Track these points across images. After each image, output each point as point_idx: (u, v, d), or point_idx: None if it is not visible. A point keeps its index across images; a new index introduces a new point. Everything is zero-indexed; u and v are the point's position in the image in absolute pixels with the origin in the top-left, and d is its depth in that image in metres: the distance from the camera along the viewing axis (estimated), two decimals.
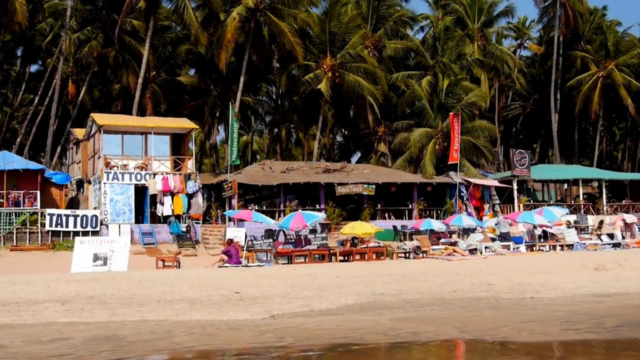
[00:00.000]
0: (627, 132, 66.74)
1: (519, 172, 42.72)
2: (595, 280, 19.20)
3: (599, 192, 46.84)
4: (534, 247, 30.81)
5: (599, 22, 58.73)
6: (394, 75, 47.19)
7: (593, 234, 36.26)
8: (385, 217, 39.72)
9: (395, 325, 12.60)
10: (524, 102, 64.31)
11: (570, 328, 12.51)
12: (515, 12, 57.70)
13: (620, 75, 53.88)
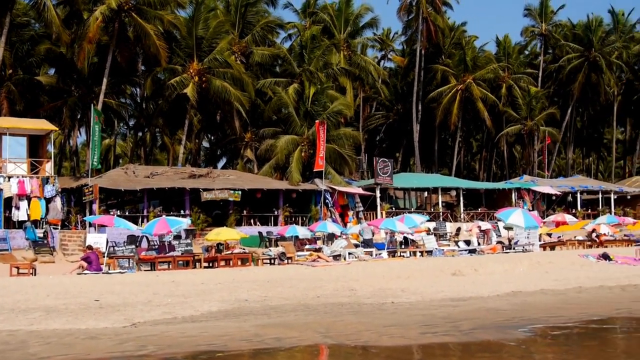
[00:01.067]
0: (483, 144, 69.92)
1: (382, 180, 43.72)
2: (452, 285, 19.91)
3: (456, 200, 48.68)
4: (396, 253, 31.56)
5: (459, 38, 61.27)
6: (261, 81, 47.18)
7: (451, 240, 37.52)
8: (250, 224, 39.62)
9: (259, 332, 12.67)
10: (388, 112, 66.04)
11: (429, 331, 12.96)
12: (380, 24, 59.30)
13: (478, 89, 56.36)
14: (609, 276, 21.67)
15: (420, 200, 56.18)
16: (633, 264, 25.83)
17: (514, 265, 24.82)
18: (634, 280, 20.77)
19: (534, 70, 65.12)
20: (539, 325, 14.03)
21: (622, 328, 14.34)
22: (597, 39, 60.23)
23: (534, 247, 33.73)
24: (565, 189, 50.67)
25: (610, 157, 77.58)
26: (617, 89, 64.91)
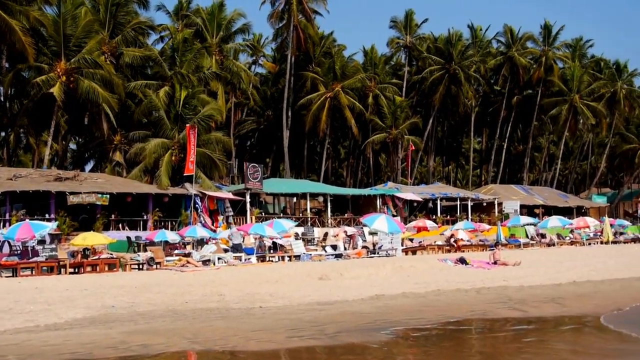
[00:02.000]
0: (350, 151, 71.52)
1: (252, 185, 43.92)
2: (319, 289, 20.36)
3: (324, 206, 49.53)
4: (265, 258, 31.88)
5: (329, 47, 62.46)
6: (131, 83, 46.20)
7: (318, 245, 38.09)
8: (119, 228, 38.78)
9: (125, 338, 12.62)
10: (259, 117, 66.32)
11: (295, 335, 13.31)
12: (252, 29, 59.31)
13: (346, 98, 57.59)
14: (466, 279, 22.72)
15: (289, 205, 56.73)
16: (487, 268, 27.17)
17: (378, 269, 25.62)
18: (487, 283, 21.89)
19: (399, 80, 67.15)
20: (401, 328, 14.53)
21: (476, 329, 15.12)
22: (457, 53, 62.94)
23: (396, 251, 34.85)
24: (426, 196, 52.52)
25: (468, 165, 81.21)
26: (474, 101, 68.20)
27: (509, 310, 16.74)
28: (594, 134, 76.44)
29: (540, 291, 20.25)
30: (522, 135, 76.88)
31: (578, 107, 65.12)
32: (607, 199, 71.82)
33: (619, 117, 71.26)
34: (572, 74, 65.85)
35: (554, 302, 18.09)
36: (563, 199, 63.72)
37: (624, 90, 69.00)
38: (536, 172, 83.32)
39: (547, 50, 66.79)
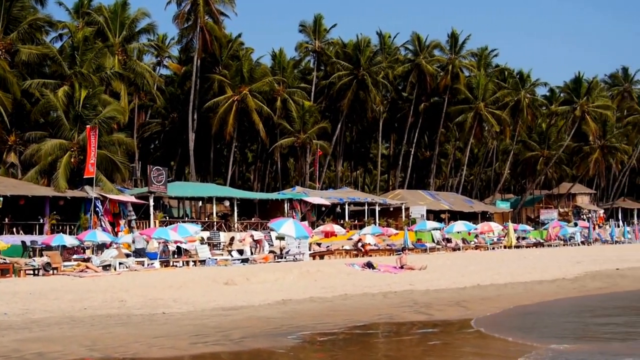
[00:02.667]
0: (258, 155, 70.99)
1: (155, 188, 42.84)
2: (224, 294, 19.95)
3: (231, 210, 48.91)
4: (169, 263, 31.07)
5: (236, 49, 61.74)
6: (27, 82, 44.20)
7: (225, 250, 37.56)
8: (13, 232, 37.05)
9: (19, 347, 12.10)
10: (164, 120, 64.89)
11: (199, 341, 12.95)
12: (157, 29, 57.78)
13: (254, 101, 57.03)
14: (373, 284, 22.72)
15: (194, 209, 55.78)
16: (394, 272, 27.24)
17: (285, 274, 25.29)
18: (394, 287, 21.92)
19: (307, 85, 67.03)
20: (307, 332, 14.38)
21: (383, 333, 15.07)
22: (365, 59, 63.38)
23: (304, 256, 34.68)
24: (334, 201, 52.64)
25: (375, 170, 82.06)
26: (382, 106, 68.84)
27: (415, 314, 16.84)
28: (498, 141, 78.52)
29: (446, 295, 20.49)
30: (429, 141, 78.16)
31: (483, 114, 66.70)
32: (510, 205, 73.85)
33: (522, 125, 73.44)
34: (477, 82, 67.42)
35: (458, 305, 18.30)
36: (468, 205, 65.09)
37: (527, 99, 71.14)
38: (442, 178, 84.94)
39: (453, 59, 68.12)
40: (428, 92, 69.69)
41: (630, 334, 14.68)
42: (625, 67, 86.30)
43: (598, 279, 25.27)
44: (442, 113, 68.88)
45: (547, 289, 22.35)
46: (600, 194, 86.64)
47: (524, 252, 43.34)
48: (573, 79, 75.65)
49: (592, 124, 72.61)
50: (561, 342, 13.03)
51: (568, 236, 56.82)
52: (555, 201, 78.48)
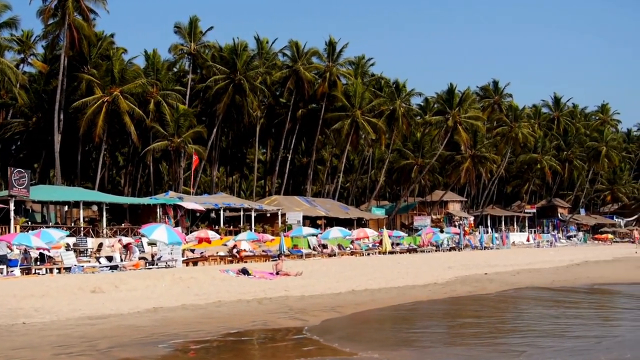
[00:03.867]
0: (129, 158, 68.82)
1: (17, 191, 40.37)
2: (91, 302, 19.07)
3: (99, 215, 46.97)
4: (30, 271, 29.26)
5: (107, 49, 59.36)
6: None
7: (92, 256, 35.93)
8: None
9: None
10: (27, 120, 61.52)
11: (63, 352, 12.47)
12: (20, 24, 54.68)
13: (125, 103, 55.05)
14: (248, 290, 22.44)
15: (60, 214, 53.27)
16: (269, 278, 26.93)
17: (157, 281, 24.44)
18: (269, 293, 21.76)
19: (182, 87, 65.53)
20: (180, 340, 14.03)
21: (258, 339, 14.81)
22: (242, 63, 62.64)
23: (177, 262, 33.67)
24: (209, 206, 51.67)
25: (252, 176, 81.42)
26: (259, 111, 68.34)
27: (290, 320, 16.89)
28: (374, 148, 79.74)
29: (321, 300, 20.64)
30: (307, 147, 78.39)
31: (360, 122, 67.45)
32: (385, 211, 75.10)
33: (398, 133, 74.82)
34: (354, 90, 68.12)
35: (333, 310, 18.52)
36: (344, 211, 65.60)
37: (403, 109, 72.56)
38: (319, 184, 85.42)
39: (331, 66, 68.55)
40: (306, 98, 69.82)
41: (453, 337, 15.23)
42: (496, 80, 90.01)
43: (467, 284, 26.04)
44: (319, 120, 69.18)
45: (420, 293, 22.83)
46: (470, 202, 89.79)
47: (398, 258, 44.09)
48: (446, 90, 77.96)
49: (463, 134, 74.99)
50: (383, 349, 13.25)
51: (440, 242, 58.31)
52: (428, 208, 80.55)
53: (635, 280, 29.18)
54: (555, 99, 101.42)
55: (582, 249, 64.40)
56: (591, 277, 29.93)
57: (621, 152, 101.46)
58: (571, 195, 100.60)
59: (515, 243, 72.10)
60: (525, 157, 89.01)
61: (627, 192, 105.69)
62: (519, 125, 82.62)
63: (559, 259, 43.07)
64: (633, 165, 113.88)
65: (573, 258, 44.60)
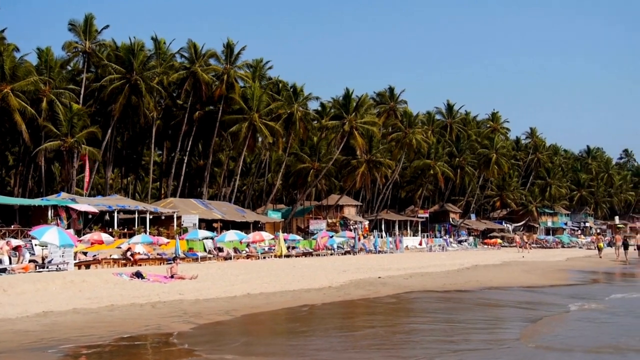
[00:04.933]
0: (20, 158, 66.49)
1: None
2: None
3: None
4: None
5: None
6: None
7: None
8: None
9: None
10: None
11: None
12: None
13: (16, 101, 53.24)
14: (141, 294, 22.21)
15: None
16: (164, 281, 26.72)
17: (47, 284, 23.82)
18: (163, 297, 21.58)
19: (77, 87, 63.72)
20: (70, 345, 13.76)
21: (151, 344, 14.70)
22: (139, 63, 61.50)
23: (68, 265, 32.89)
24: (103, 208, 50.54)
25: (147, 178, 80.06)
26: (156, 112, 67.30)
27: (184, 324, 16.82)
28: (272, 152, 79.88)
29: (216, 304, 20.60)
30: (203, 149, 77.67)
31: (257, 125, 67.38)
32: (281, 215, 75.38)
33: (295, 137, 75.15)
34: (252, 94, 67.97)
35: (228, 314, 18.55)
36: (241, 214, 65.45)
37: (300, 113, 72.94)
38: (216, 187, 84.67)
39: (229, 69, 68.22)
40: (203, 100, 69.23)
41: (344, 342, 15.42)
42: (392, 86, 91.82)
43: (361, 287, 26.45)
44: (216, 122, 68.72)
45: (315, 297, 23.03)
46: (365, 206, 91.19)
47: (293, 262, 44.33)
48: (343, 95, 79.04)
49: (359, 139, 76.15)
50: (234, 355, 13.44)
51: (335, 246, 59.06)
52: (324, 212, 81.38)
53: (522, 284, 30.45)
54: (449, 106, 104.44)
55: (473, 253, 66.59)
56: (481, 281, 30.94)
57: (510, 160, 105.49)
58: (462, 201, 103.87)
59: (408, 247, 73.76)
60: (419, 162, 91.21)
61: (516, 198, 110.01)
62: (413, 131, 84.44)
63: (450, 263, 44.27)
64: (521, 172, 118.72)
65: (464, 262, 45.92)
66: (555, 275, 36.45)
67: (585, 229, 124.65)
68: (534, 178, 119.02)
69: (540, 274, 37.08)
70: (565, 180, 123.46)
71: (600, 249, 62.81)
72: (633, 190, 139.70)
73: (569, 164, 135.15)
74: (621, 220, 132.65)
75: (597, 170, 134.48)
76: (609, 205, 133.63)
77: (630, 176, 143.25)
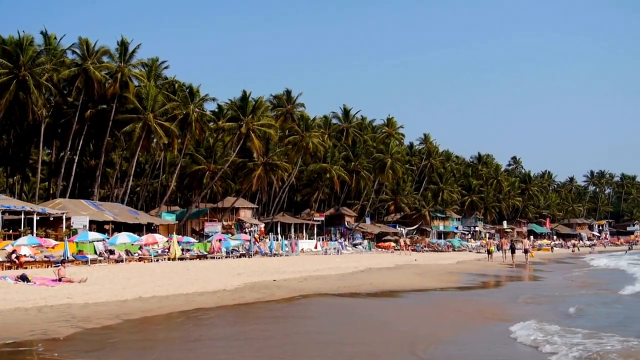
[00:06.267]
0: None
1: None
2: None
3: None
4: None
5: None
6: None
7: None
8: None
9: None
10: None
11: None
12: None
13: None
14: (27, 297, 21.38)
15: None
16: (51, 285, 25.88)
17: None
18: (50, 301, 20.86)
19: None
20: None
21: (37, 349, 14.07)
22: (27, 58, 59.03)
23: None
24: None
25: (35, 177, 77.10)
26: (45, 110, 64.87)
27: (71, 328, 16.29)
28: (166, 153, 78.46)
29: (106, 308, 20.02)
30: (95, 149, 75.38)
31: (152, 125, 65.97)
32: (176, 217, 74.20)
33: (190, 138, 74.15)
34: (147, 93, 66.55)
35: (118, 318, 18.11)
36: (134, 216, 63.95)
37: (196, 114, 71.86)
38: (108, 188, 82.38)
39: (123, 67, 66.44)
40: (95, 98, 67.24)
41: (231, 347, 15.21)
42: (289, 90, 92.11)
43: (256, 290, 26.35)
44: (109, 121, 66.83)
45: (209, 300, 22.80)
46: (262, 209, 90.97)
47: (188, 264, 43.82)
48: (240, 97, 78.52)
49: (256, 142, 75.88)
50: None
51: (230, 249, 58.63)
52: (219, 214, 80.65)
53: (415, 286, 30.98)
54: (345, 110, 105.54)
55: (367, 256, 67.50)
56: (374, 284, 31.31)
57: (404, 165, 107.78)
58: (358, 205, 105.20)
59: (304, 250, 74.03)
60: (316, 166, 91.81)
61: (409, 202, 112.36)
62: (310, 134, 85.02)
63: (344, 266, 44.65)
64: (415, 177, 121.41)
65: (358, 265, 46.41)
66: (446, 278, 37.32)
67: (475, 233, 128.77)
68: (427, 183, 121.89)
69: (432, 277, 37.90)
70: (457, 186, 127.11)
71: (490, 252, 64.93)
72: (520, 196, 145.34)
73: (461, 170, 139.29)
74: (509, 224, 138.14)
75: (487, 176, 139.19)
76: (498, 210, 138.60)
77: (517, 182, 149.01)
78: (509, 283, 37.71)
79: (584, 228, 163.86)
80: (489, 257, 63.21)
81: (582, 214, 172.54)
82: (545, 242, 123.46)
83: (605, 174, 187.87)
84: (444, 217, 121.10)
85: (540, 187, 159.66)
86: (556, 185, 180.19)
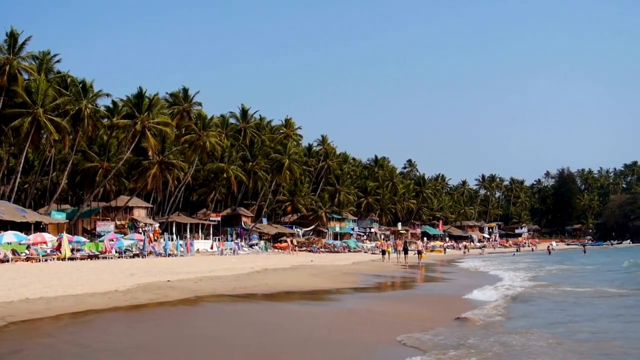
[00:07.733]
0: None
1: None
2: None
3: None
4: None
5: None
6: None
7: None
8: None
9: None
10: None
11: None
12: None
13: None
14: None
15: None
16: None
17: None
18: None
19: None
20: None
21: None
22: None
23: None
24: None
25: None
26: None
27: None
28: (57, 149, 75.88)
29: None
30: None
31: (42, 121, 63.68)
32: (66, 216, 71.86)
33: (83, 135, 72.05)
34: (37, 87, 64.22)
35: (3, 320, 17.34)
36: (21, 214, 61.46)
37: (89, 109, 69.87)
38: None
39: (11, 59, 63.84)
40: None
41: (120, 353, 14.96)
42: (186, 88, 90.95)
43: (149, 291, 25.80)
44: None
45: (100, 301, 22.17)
46: (157, 208, 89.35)
47: (78, 264, 42.60)
48: (136, 93, 76.83)
49: (152, 140, 74.50)
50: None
51: (123, 248, 57.33)
52: (112, 213, 78.69)
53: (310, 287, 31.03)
54: (243, 110, 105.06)
55: (263, 257, 67.36)
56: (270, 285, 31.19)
57: (302, 166, 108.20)
58: (255, 205, 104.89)
59: (199, 250, 73.29)
60: (213, 166, 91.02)
61: (306, 203, 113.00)
62: (207, 134, 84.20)
63: (240, 267, 44.36)
64: (312, 178, 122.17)
65: (254, 266, 46.21)
66: (342, 279, 37.61)
67: (370, 234, 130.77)
68: (324, 184, 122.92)
69: (327, 277, 38.10)
70: (354, 188, 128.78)
71: (388, 253, 65.96)
72: (414, 199, 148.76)
73: (358, 172, 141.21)
74: (403, 226, 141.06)
75: (383, 178, 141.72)
76: (393, 211, 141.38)
77: (412, 185, 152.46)
78: (401, 282, 38.40)
79: (475, 230, 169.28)
80: (383, 258, 64.26)
81: (474, 217, 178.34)
82: (439, 243, 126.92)
83: (496, 178, 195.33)
84: (341, 219, 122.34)
85: (434, 190, 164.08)
86: (449, 188, 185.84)
